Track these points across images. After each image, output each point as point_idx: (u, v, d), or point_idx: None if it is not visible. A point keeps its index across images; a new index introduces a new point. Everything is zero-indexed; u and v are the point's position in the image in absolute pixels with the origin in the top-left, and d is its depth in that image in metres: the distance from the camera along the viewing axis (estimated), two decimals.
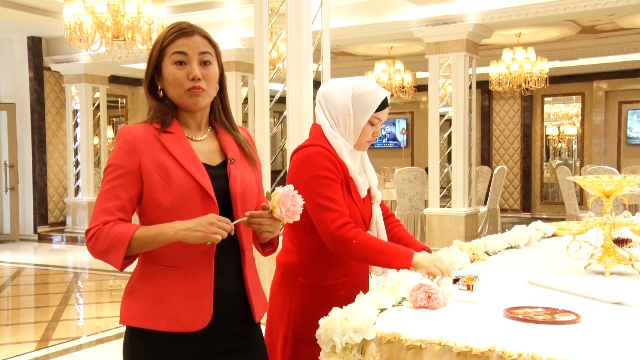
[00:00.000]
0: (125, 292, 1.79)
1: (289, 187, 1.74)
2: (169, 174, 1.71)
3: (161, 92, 1.81)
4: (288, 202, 1.72)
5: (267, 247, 1.92)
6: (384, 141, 15.83)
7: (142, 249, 1.69)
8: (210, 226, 1.64)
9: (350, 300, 2.04)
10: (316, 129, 2.31)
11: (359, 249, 2.13)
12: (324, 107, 2.29)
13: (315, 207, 2.15)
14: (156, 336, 1.72)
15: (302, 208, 1.76)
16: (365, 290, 2.29)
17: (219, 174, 1.79)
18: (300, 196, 1.75)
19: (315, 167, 2.17)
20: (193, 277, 1.72)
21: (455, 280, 2.15)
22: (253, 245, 1.92)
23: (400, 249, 2.19)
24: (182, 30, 1.77)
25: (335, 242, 2.14)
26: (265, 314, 2.29)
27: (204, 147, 1.82)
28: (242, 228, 1.79)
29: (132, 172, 1.71)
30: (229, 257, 1.79)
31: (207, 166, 1.77)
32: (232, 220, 1.72)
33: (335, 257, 2.23)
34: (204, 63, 1.78)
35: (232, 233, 1.69)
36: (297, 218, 1.76)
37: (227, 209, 1.76)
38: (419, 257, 2.14)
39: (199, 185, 1.72)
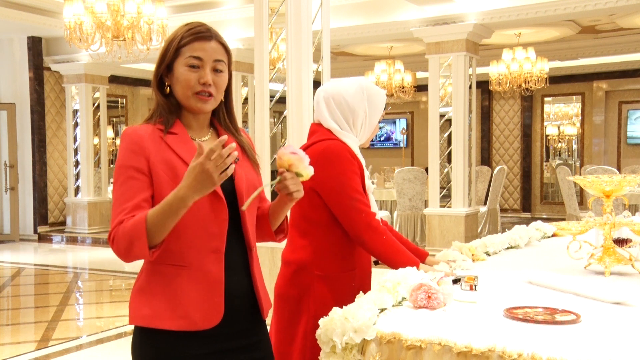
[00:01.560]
0: (133, 291, 1.79)
1: (283, 147, 1.79)
2: (177, 173, 1.71)
3: (168, 88, 1.82)
4: (296, 151, 1.77)
5: (279, 233, 1.97)
6: (382, 140, 15.84)
7: (164, 229, 1.63)
8: (219, 158, 1.56)
9: (361, 291, 2.13)
10: (323, 129, 2.36)
11: (385, 244, 2.27)
12: (332, 109, 2.36)
13: (347, 199, 2.26)
14: (166, 335, 1.72)
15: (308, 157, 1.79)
16: (370, 281, 2.42)
17: None
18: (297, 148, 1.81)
19: (343, 161, 2.28)
20: (204, 275, 1.73)
21: (456, 281, 2.16)
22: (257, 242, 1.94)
23: (412, 257, 2.31)
24: (201, 34, 1.78)
25: (369, 233, 2.26)
26: (273, 313, 2.34)
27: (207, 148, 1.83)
28: (247, 226, 1.81)
29: (142, 171, 1.71)
30: (237, 255, 1.80)
31: None
32: (237, 218, 1.78)
33: (346, 249, 2.33)
34: (216, 70, 1.79)
35: (236, 156, 1.65)
36: (310, 171, 1.79)
37: (232, 206, 1.78)
38: (423, 268, 2.27)
39: None
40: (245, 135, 1.97)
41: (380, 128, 15.83)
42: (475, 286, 2.10)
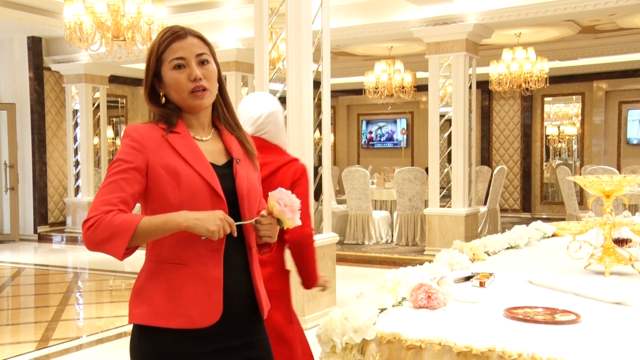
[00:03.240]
0: (133, 290, 1.80)
1: (281, 189, 1.77)
2: (178, 172, 1.72)
3: (163, 98, 1.83)
4: (285, 199, 1.75)
5: (264, 248, 1.94)
6: (383, 140, 15.84)
7: (147, 239, 1.69)
8: (221, 222, 1.66)
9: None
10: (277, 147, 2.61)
11: (313, 248, 2.55)
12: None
13: (308, 215, 2.54)
14: (165, 334, 1.72)
15: (299, 208, 1.78)
16: None
17: (225, 173, 1.81)
18: (295, 196, 1.78)
19: (307, 178, 2.59)
20: (203, 274, 1.73)
21: (468, 278, 2.18)
22: None
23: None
24: (175, 34, 1.79)
25: (309, 241, 2.52)
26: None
27: (209, 147, 1.84)
28: (249, 226, 1.81)
29: (138, 169, 1.72)
30: (237, 254, 1.81)
31: (213, 166, 1.79)
32: (238, 219, 1.77)
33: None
34: (202, 63, 1.80)
35: (235, 235, 1.71)
36: (298, 221, 1.77)
37: (233, 207, 1.78)
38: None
39: (207, 184, 1.74)
40: (245, 132, 1.97)
41: (380, 127, 15.82)
42: (485, 283, 2.13)
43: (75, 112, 11.11)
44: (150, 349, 1.75)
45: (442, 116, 8.46)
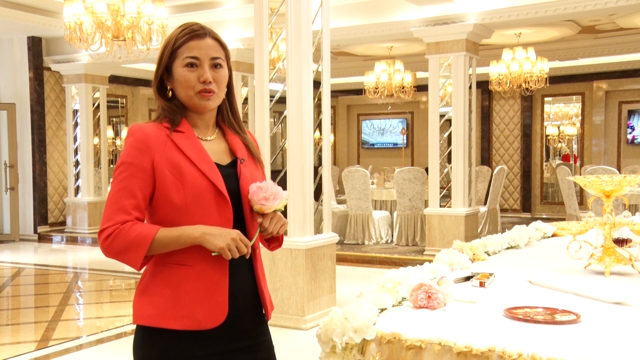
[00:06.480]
0: (137, 291, 1.80)
1: (252, 185, 1.78)
2: (182, 172, 1.73)
3: (170, 92, 1.83)
4: (260, 193, 1.76)
5: (272, 242, 1.95)
6: (383, 141, 15.83)
7: (163, 250, 1.71)
8: (232, 241, 1.68)
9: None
10: None
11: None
12: None
13: None
14: (170, 335, 1.73)
15: (281, 190, 1.79)
16: None
17: (230, 173, 1.81)
18: (270, 181, 1.80)
19: None
20: (208, 275, 1.74)
21: (469, 278, 2.19)
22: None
23: None
24: (194, 32, 1.79)
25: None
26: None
27: (214, 147, 1.84)
28: (253, 228, 1.81)
29: (145, 170, 1.73)
30: (242, 256, 1.80)
31: (218, 165, 1.80)
32: (242, 219, 1.79)
33: None
34: (215, 66, 1.80)
35: (248, 257, 1.75)
36: (283, 201, 1.78)
37: (237, 207, 1.79)
38: None
39: (212, 183, 1.74)
40: (250, 135, 1.97)
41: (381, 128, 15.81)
42: (485, 283, 2.13)
43: (75, 112, 11.11)
44: (154, 350, 1.75)
45: (442, 116, 8.46)
